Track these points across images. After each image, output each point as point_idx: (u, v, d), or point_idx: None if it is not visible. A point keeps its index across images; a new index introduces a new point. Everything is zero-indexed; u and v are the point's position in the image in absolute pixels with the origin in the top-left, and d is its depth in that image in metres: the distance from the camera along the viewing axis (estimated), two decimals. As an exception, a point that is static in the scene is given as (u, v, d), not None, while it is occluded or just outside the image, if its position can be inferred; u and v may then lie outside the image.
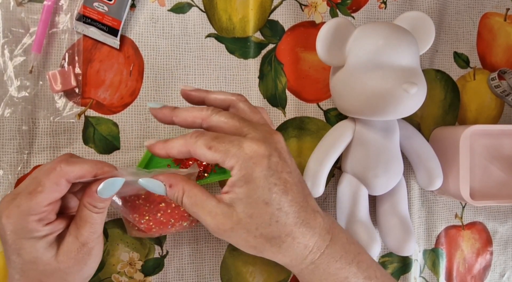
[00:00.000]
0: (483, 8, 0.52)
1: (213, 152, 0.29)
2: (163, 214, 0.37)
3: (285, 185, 0.30)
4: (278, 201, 0.29)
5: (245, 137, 0.30)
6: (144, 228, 0.37)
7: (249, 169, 0.29)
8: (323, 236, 0.31)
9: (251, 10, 0.46)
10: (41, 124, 0.42)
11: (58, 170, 0.31)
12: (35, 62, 0.41)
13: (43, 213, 0.31)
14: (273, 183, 0.29)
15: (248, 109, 0.33)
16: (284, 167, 0.30)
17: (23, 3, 0.42)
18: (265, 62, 0.47)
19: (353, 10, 0.49)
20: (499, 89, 0.51)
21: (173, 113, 0.33)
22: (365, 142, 0.43)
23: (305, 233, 0.30)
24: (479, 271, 0.52)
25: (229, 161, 0.29)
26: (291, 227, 0.30)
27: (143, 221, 0.36)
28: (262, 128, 0.31)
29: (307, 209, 0.31)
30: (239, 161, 0.29)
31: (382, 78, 0.38)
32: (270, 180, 0.29)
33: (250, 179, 0.29)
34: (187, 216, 0.38)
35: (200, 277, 0.45)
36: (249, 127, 0.30)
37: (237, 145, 0.29)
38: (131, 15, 0.44)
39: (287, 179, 0.30)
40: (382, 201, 0.47)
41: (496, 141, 0.49)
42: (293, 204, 0.30)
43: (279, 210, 0.29)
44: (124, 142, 0.44)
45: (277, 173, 0.29)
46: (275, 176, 0.29)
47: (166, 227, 0.38)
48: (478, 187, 0.48)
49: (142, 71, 0.44)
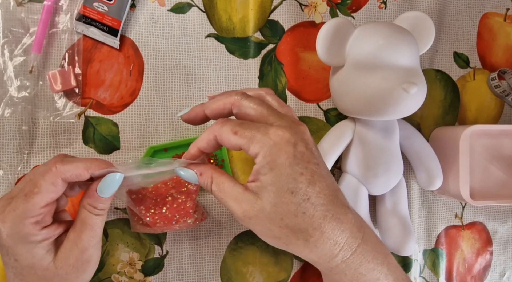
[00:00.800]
0: (483, 8, 0.52)
1: (238, 136, 0.29)
2: (169, 208, 0.37)
3: (312, 176, 0.29)
4: (304, 191, 0.28)
5: (272, 125, 0.29)
6: (149, 221, 0.37)
7: (274, 155, 0.28)
8: (354, 233, 0.30)
9: (251, 10, 0.46)
10: (41, 124, 0.42)
11: (54, 170, 0.30)
12: (35, 62, 0.41)
13: (39, 216, 0.30)
14: (299, 172, 0.28)
15: (276, 103, 0.33)
16: (311, 157, 0.29)
17: (23, 3, 0.42)
18: (265, 62, 0.47)
19: (353, 10, 0.49)
20: (499, 89, 0.51)
21: (204, 107, 0.32)
22: (365, 142, 0.43)
23: (335, 228, 0.29)
24: (479, 271, 0.52)
25: (254, 147, 0.28)
26: (319, 220, 0.29)
27: (149, 213, 0.36)
28: (288, 119, 0.30)
29: (337, 203, 0.30)
30: (264, 147, 0.28)
31: (382, 78, 0.38)
32: (296, 169, 0.28)
33: (275, 166, 0.28)
34: (192, 213, 0.38)
35: (200, 277, 0.45)
36: (276, 117, 0.30)
37: (263, 131, 0.29)
38: (131, 15, 0.44)
39: (314, 170, 0.29)
40: (382, 201, 0.47)
41: (496, 141, 0.49)
42: (321, 196, 0.29)
43: (306, 200, 0.28)
44: (124, 142, 0.44)
45: (303, 162, 0.29)
46: (301, 164, 0.28)
47: (170, 222, 0.37)
48: (478, 187, 0.48)
49: (142, 71, 0.44)
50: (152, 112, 0.45)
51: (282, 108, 0.32)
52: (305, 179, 0.28)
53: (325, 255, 0.30)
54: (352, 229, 0.30)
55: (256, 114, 0.30)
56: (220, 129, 0.30)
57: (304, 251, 0.30)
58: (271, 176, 0.28)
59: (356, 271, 0.30)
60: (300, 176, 0.28)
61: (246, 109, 0.30)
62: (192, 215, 0.39)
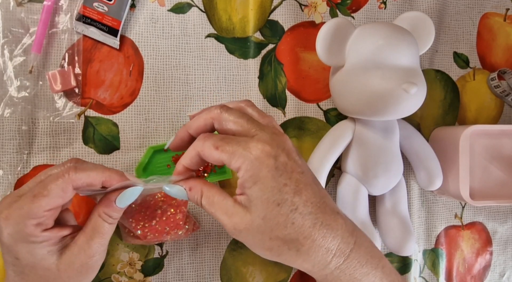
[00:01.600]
0: (482, 8, 0.52)
1: (220, 152, 0.29)
2: (158, 221, 0.37)
3: (297, 185, 0.29)
4: (291, 201, 0.29)
5: (252, 138, 0.29)
6: (139, 234, 0.37)
7: (256, 169, 0.28)
8: (346, 238, 0.30)
9: (251, 10, 0.46)
10: (41, 124, 0.42)
11: (67, 176, 0.30)
12: (35, 62, 0.41)
13: (42, 218, 0.30)
14: (282, 183, 0.29)
15: (257, 114, 0.33)
16: (295, 167, 0.30)
17: (23, 3, 0.42)
18: (265, 62, 0.47)
19: (353, 10, 0.49)
20: (499, 89, 0.51)
21: (186, 128, 0.33)
22: (365, 142, 0.43)
23: (326, 235, 0.29)
24: (479, 271, 0.52)
25: (236, 162, 0.29)
26: (309, 229, 0.29)
27: (139, 226, 0.37)
28: (269, 130, 0.31)
29: (326, 209, 0.30)
30: (245, 162, 0.28)
31: (382, 78, 0.38)
32: (279, 180, 0.28)
33: (257, 179, 0.28)
34: (183, 225, 0.38)
35: (200, 277, 0.45)
36: (257, 128, 0.30)
37: (244, 146, 0.29)
38: (131, 15, 0.44)
39: (299, 179, 0.29)
40: (382, 201, 0.47)
41: (496, 141, 0.49)
42: (308, 204, 0.29)
43: (294, 211, 0.29)
44: (123, 142, 0.44)
45: (286, 173, 0.29)
46: (284, 175, 0.29)
47: (161, 235, 0.38)
48: (478, 187, 0.48)
49: (142, 71, 0.44)
50: (152, 112, 0.44)
51: (263, 119, 0.32)
52: (290, 189, 0.29)
53: (318, 262, 0.30)
54: (344, 234, 0.30)
55: (237, 127, 0.30)
56: (202, 145, 0.30)
57: (297, 260, 0.30)
58: (255, 189, 0.29)
59: (351, 276, 0.30)
60: (284, 187, 0.29)
61: (227, 123, 0.31)
62: (182, 227, 0.39)
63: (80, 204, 0.43)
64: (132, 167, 0.44)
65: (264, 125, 0.31)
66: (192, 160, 0.31)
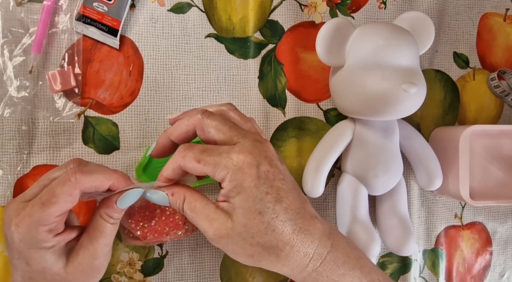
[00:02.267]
0: (482, 8, 0.52)
1: (202, 165, 0.29)
2: (158, 221, 0.37)
3: (278, 193, 0.30)
4: (272, 209, 0.29)
5: (234, 148, 0.30)
6: (139, 235, 0.37)
7: (239, 179, 0.29)
8: (323, 242, 0.31)
9: (251, 10, 0.46)
10: (40, 124, 0.42)
11: (73, 180, 0.30)
12: (34, 62, 0.41)
13: (54, 224, 0.30)
14: (264, 192, 0.29)
15: (238, 118, 0.33)
16: (276, 174, 0.30)
17: (23, 3, 0.42)
18: (265, 62, 0.47)
19: (353, 10, 0.49)
20: (499, 89, 0.51)
21: (168, 135, 0.33)
22: (364, 142, 0.43)
23: (304, 240, 0.30)
24: (479, 271, 0.52)
25: (219, 173, 0.29)
26: (288, 235, 0.30)
27: (138, 227, 0.37)
28: (252, 137, 0.31)
29: (305, 215, 0.31)
30: (229, 172, 0.29)
31: (382, 78, 0.38)
32: (261, 189, 0.29)
33: (241, 190, 0.29)
34: (182, 225, 0.39)
35: (199, 277, 0.45)
36: (239, 136, 0.30)
37: (226, 157, 0.29)
38: (131, 15, 0.44)
39: (280, 187, 0.30)
40: (382, 201, 0.47)
41: (495, 141, 0.49)
42: (288, 211, 0.30)
43: (275, 218, 0.29)
44: (123, 142, 0.44)
45: (268, 181, 0.29)
46: (266, 184, 0.29)
47: (161, 235, 0.38)
48: (478, 187, 0.48)
49: (142, 71, 0.44)
50: (152, 112, 0.44)
51: (245, 124, 0.33)
52: (271, 198, 0.29)
53: (296, 266, 0.30)
54: (321, 238, 0.31)
55: (219, 135, 0.31)
56: (183, 159, 0.30)
57: (276, 265, 0.31)
58: (239, 199, 0.29)
59: (328, 278, 0.31)
60: (266, 196, 0.29)
61: (209, 129, 0.31)
62: (182, 227, 0.39)
63: (80, 204, 0.43)
64: (132, 167, 0.44)
65: (247, 131, 0.31)
66: (174, 171, 0.31)
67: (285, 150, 0.47)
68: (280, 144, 0.47)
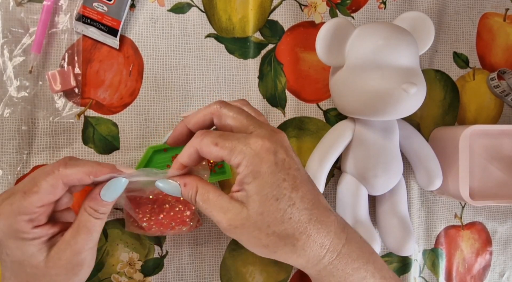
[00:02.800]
0: (482, 8, 0.52)
1: (219, 148, 0.29)
2: (166, 215, 0.37)
3: (294, 181, 0.29)
4: (289, 196, 0.29)
5: (251, 134, 0.29)
6: (145, 226, 0.37)
7: (256, 165, 0.28)
8: (338, 234, 0.30)
9: (251, 10, 0.46)
10: (40, 124, 0.42)
11: (56, 172, 0.30)
12: (34, 62, 0.41)
13: (34, 214, 0.30)
14: (281, 178, 0.29)
15: (253, 112, 0.33)
16: (292, 163, 0.30)
17: (23, 3, 0.42)
18: (265, 62, 0.47)
19: (353, 10, 0.49)
20: (499, 89, 0.51)
21: (185, 122, 0.32)
22: (364, 142, 0.43)
23: (320, 230, 0.30)
24: (479, 271, 0.52)
25: (236, 158, 0.29)
26: (305, 224, 0.29)
27: (145, 218, 0.37)
28: (268, 127, 0.31)
29: (319, 206, 0.30)
30: (245, 157, 0.28)
31: (382, 78, 0.38)
32: (279, 176, 0.29)
33: (258, 175, 0.28)
34: (188, 222, 0.39)
35: (199, 277, 0.45)
36: (255, 125, 0.30)
37: (243, 142, 0.29)
38: (131, 15, 0.44)
39: (296, 175, 0.30)
40: (382, 201, 0.47)
41: (495, 141, 0.49)
42: (305, 200, 0.29)
43: (292, 206, 0.29)
44: (123, 142, 0.44)
45: (285, 169, 0.29)
46: (283, 171, 0.29)
47: (166, 229, 0.38)
48: (478, 187, 0.48)
49: (142, 71, 0.44)
50: (151, 112, 0.44)
51: (259, 117, 0.33)
52: (288, 185, 0.29)
53: (312, 257, 0.30)
54: (337, 230, 0.31)
55: (236, 123, 0.30)
56: (200, 142, 0.30)
57: (292, 256, 0.30)
58: (255, 184, 0.29)
59: (343, 271, 0.31)
60: (283, 182, 0.29)
61: (226, 118, 0.31)
62: (188, 223, 0.39)
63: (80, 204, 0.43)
64: (132, 167, 0.44)
65: (262, 122, 0.31)
66: (190, 157, 0.31)
67: (285, 150, 0.47)
68: (280, 144, 0.47)
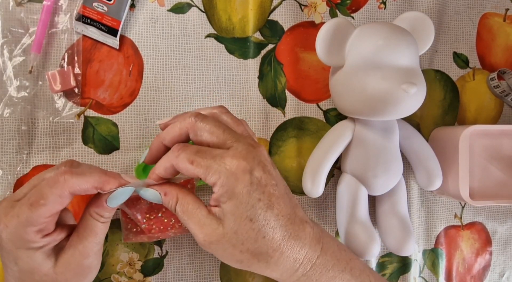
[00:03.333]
0: (482, 8, 0.52)
1: (195, 166, 0.29)
2: (165, 212, 0.37)
3: (269, 199, 0.29)
4: (263, 216, 0.29)
5: (228, 152, 0.29)
6: (145, 228, 0.37)
7: (231, 185, 0.28)
8: (313, 246, 0.31)
9: (251, 10, 0.46)
10: (40, 124, 0.42)
11: (62, 181, 0.29)
12: (34, 62, 0.41)
13: (43, 224, 0.30)
14: (256, 198, 0.29)
15: (231, 121, 0.33)
16: (269, 180, 0.30)
17: (23, 3, 0.42)
18: (265, 62, 0.47)
19: (353, 11, 0.49)
20: (499, 89, 0.51)
21: (161, 139, 0.32)
22: (364, 142, 0.43)
23: (294, 246, 0.30)
24: (479, 271, 0.52)
25: (211, 177, 0.29)
26: (279, 241, 0.30)
27: (145, 219, 0.36)
28: (245, 141, 0.30)
29: (295, 220, 0.31)
30: (221, 177, 0.28)
31: (382, 78, 0.38)
32: (254, 195, 0.29)
33: (233, 195, 0.29)
34: None
35: (199, 278, 0.45)
36: (233, 139, 0.30)
37: (219, 161, 0.29)
38: (131, 15, 0.44)
39: (272, 193, 0.30)
40: (382, 201, 0.47)
41: (495, 141, 0.49)
42: (279, 218, 0.30)
43: (266, 225, 0.29)
44: (123, 142, 0.44)
45: (260, 187, 0.29)
46: (258, 190, 0.29)
47: (166, 228, 0.38)
48: (478, 187, 0.48)
49: (142, 71, 0.44)
50: (151, 112, 0.44)
51: (238, 127, 0.32)
52: (263, 204, 0.29)
53: (286, 272, 0.31)
54: (311, 243, 0.31)
55: (212, 138, 0.30)
56: (176, 159, 0.30)
57: (266, 271, 0.31)
58: (230, 204, 0.29)
59: (317, 281, 0.31)
60: (258, 202, 0.29)
61: (202, 133, 0.30)
62: None
63: (80, 204, 0.43)
64: (131, 167, 0.44)
65: (240, 135, 0.31)
66: (166, 170, 0.31)
67: (285, 150, 0.47)
68: (280, 144, 0.47)
